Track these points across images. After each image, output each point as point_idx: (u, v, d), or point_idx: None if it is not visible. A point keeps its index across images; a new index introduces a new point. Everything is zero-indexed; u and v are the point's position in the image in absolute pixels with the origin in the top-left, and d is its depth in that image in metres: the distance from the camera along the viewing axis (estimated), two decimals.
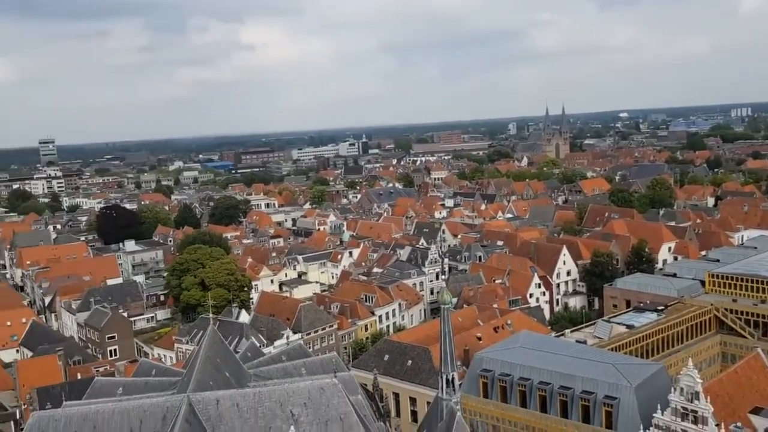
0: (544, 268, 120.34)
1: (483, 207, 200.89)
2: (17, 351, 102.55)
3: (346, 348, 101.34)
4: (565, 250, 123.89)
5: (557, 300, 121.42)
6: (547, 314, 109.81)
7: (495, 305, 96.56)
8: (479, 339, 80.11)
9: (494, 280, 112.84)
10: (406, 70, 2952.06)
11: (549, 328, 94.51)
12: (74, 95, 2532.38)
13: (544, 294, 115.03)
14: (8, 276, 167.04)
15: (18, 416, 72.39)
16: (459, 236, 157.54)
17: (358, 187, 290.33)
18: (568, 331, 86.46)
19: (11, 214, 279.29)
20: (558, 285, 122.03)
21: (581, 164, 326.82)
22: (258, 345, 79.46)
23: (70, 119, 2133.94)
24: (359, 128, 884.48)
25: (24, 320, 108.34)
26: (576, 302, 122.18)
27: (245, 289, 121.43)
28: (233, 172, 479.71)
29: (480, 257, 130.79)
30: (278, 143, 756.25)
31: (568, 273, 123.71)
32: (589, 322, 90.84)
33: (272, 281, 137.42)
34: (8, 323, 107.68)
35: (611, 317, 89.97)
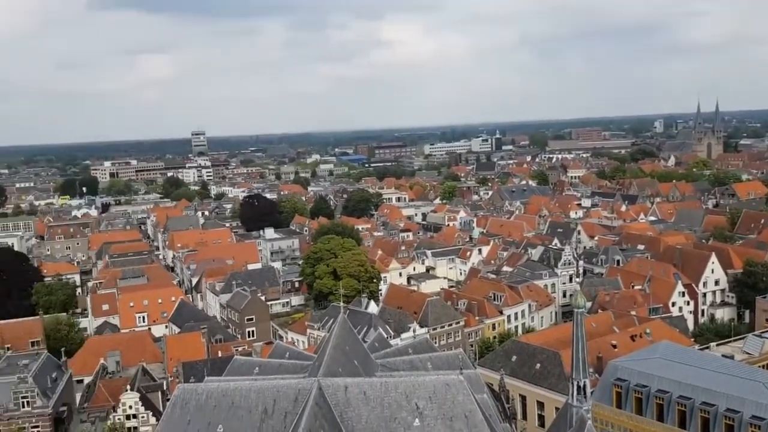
0: (690, 276, 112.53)
1: (623, 208, 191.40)
2: (166, 327, 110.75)
3: (472, 346, 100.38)
4: (714, 258, 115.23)
5: (702, 311, 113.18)
6: (690, 325, 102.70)
7: (633, 312, 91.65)
8: (614, 347, 76.39)
9: (633, 286, 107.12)
10: (544, 64, 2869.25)
11: (692, 340, 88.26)
12: (223, 89, 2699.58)
13: (688, 303, 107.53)
14: (161, 257, 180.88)
15: (165, 387, 78.10)
16: (596, 238, 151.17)
17: (489, 184, 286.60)
18: (713, 344, 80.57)
19: (165, 199, 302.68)
20: (704, 294, 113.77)
21: (735, 166, 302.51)
22: (385, 336, 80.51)
23: (220, 112, 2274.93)
24: (493, 124, 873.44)
25: (173, 299, 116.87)
26: (724, 314, 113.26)
27: (374, 280, 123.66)
28: (366, 165, 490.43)
29: (618, 261, 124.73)
30: (411, 138, 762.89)
31: (717, 282, 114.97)
32: (738, 336, 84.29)
33: (400, 274, 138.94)
34: (159, 300, 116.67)
35: (763, 332, 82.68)
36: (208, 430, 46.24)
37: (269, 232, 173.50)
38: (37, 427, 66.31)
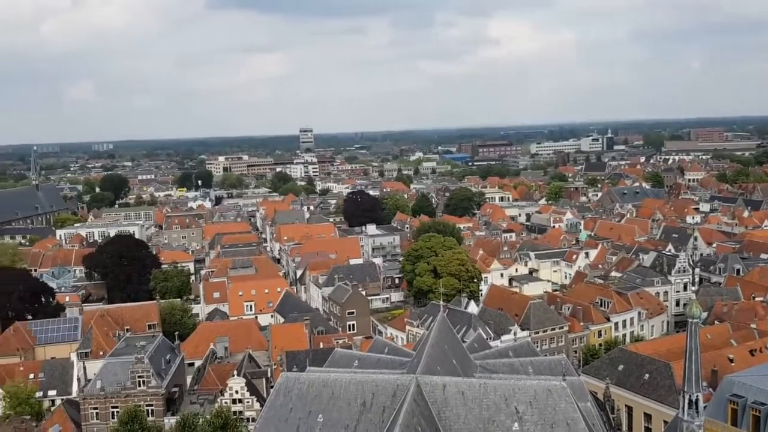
0: None
1: (745, 214, 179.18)
2: (272, 316, 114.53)
3: (576, 352, 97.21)
4: None
5: None
6: None
7: (753, 325, 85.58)
8: (731, 361, 71.64)
9: (754, 297, 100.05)
10: (659, 61, 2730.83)
11: None
12: (329, 87, 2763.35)
13: None
14: (268, 249, 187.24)
15: (269, 374, 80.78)
16: (714, 245, 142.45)
17: (599, 185, 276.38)
18: None
19: (274, 194, 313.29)
20: None
21: None
22: (485, 337, 79.48)
23: (326, 109, 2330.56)
24: (604, 122, 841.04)
25: (279, 289, 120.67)
26: None
27: (475, 280, 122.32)
28: (470, 164, 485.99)
29: (738, 270, 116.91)
30: (516, 136, 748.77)
31: None
32: None
33: (502, 275, 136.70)
34: (266, 291, 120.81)
35: None
36: (309, 418, 47.30)
37: (371, 228, 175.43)
38: (151, 405, 70.39)
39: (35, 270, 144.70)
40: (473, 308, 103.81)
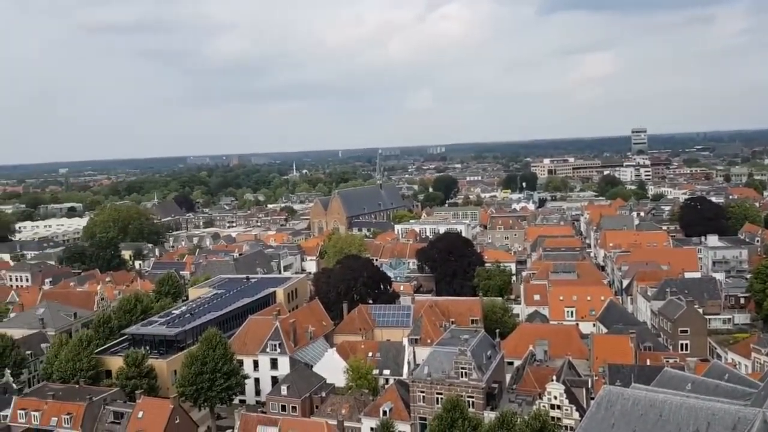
0: None
1: None
2: (594, 325, 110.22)
3: None
4: None
5: None
6: None
7: None
8: None
9: None
10: None
11: None
12: (666, 84, 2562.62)
13: None
14: (592, 255, 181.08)
15: (589, 385, 77.78)
16: None
17: None
18: None
19: (600, 198, 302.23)
20: None
21: None
22: None
23: (662, 108, 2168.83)
24: None
25: (602, 298, 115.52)
26: None
27: None
28: None
29: None
30: None
31: None
32: None
33: None
34: (588, 298, 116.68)
35: None
36: None
37: (712, 240, 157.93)
38: (472, 397, 73.10)
39: (376, 259, 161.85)
40: None
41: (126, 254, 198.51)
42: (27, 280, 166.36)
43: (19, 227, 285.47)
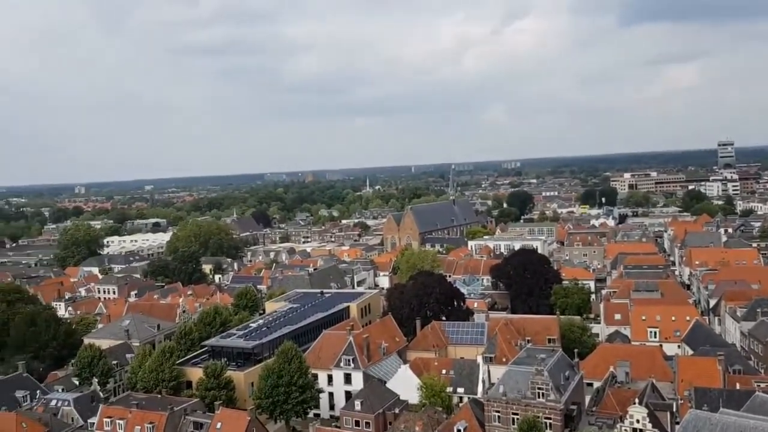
0: None
1: None
2: (678, 346, 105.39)
3: None
4: None
5: None
6: None
7: None
8: None
9: None
10: None
11: None
12: (757, 95, 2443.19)
13: None
14: (676, 273, 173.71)
15: (674, 409, 74.29)
16: None
17: None
18: None
19: (684, 213, 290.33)
20: None
21: None
22: None
23: (750, 120, 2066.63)
24: None
25: (688, 318, 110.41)
26: None
27: None
28: None
29: None
30: None
31: None
32: None
33: None
34: (672, 318, 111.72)
35: None
36: None
37: None
38: (549, 419, 71.08)
39: (450, 276, 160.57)
40: None
41: (206, 268, 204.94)
42: (114, 292, 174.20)
43: (108, 242, 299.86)
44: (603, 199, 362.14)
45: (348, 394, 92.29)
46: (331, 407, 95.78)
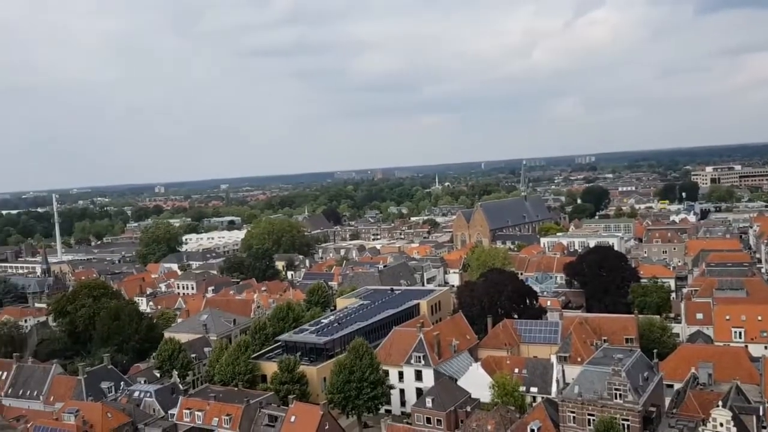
0: None
1: None
2: (765, 347, 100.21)
3: None
4: None
5: None
6: None
7: None
8: None
9: None
10: None
11: None
12: None
13: None
14: (763, 270, 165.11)
15: (761, 412, 70.62)
16: None
17: None
18: None
19: None
20: None
21: None
22: None
23: None
24: None
25: None
26: None
27: None
28: None
29: None
30: None
31: None
32: None
33: None
34: (759, 318, 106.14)
35: None
36: None
37: None
38: (627, 420, 68.82)
39: (521, 273, 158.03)
40: None
41: (279, 265, 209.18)
42: (192, 288, 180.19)
43: (186, 239, 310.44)
44: (683, 194, 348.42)
45: (419, 391, 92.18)
46: (402, 404, 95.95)
